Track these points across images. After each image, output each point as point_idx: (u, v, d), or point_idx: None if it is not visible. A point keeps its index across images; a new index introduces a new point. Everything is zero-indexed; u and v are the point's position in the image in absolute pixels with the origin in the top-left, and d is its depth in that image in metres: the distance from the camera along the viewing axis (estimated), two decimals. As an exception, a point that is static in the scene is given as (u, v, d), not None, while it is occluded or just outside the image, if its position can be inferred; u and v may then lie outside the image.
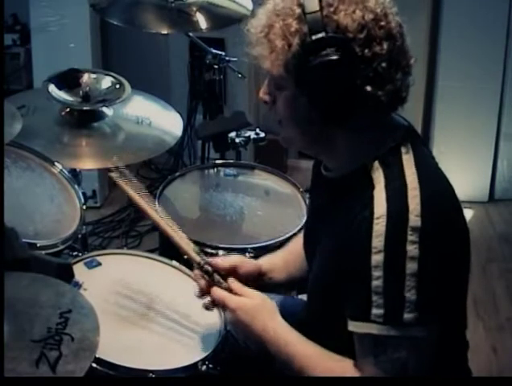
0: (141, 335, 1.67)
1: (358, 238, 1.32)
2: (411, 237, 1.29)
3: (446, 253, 1.34)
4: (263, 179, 2.44)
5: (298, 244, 1.73)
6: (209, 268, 1.56)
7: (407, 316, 1.30)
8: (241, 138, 2.49)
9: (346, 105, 1.32)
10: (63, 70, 2.35)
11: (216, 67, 2.89)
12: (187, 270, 1.87)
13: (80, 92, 2.29)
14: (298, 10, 1.31)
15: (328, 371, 1.41)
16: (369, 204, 1.33)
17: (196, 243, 2.01)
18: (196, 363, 1.60)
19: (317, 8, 1.29)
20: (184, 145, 3.44)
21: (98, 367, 1.53)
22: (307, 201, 2.26)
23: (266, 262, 1.76)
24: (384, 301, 1.31)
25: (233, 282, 1.55)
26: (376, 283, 1.30)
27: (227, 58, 2.86)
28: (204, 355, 1.62)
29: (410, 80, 1.37)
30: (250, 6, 2.65)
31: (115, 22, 2.61)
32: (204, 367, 1.60)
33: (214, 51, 2.86)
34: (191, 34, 2.80)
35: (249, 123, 2.54)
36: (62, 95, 2.28)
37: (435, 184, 1.38)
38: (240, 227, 2.21)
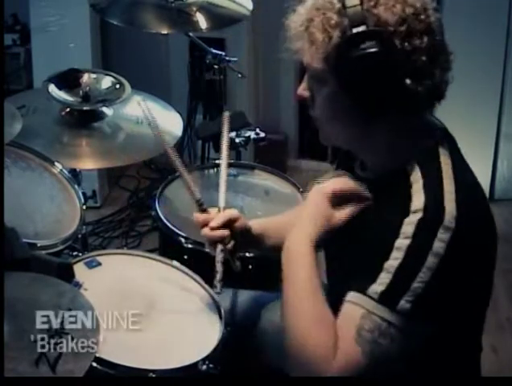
0: (141, 335, 1.67)
1: (390, 224, 1.32)
2: (441, 235, 1.28)
3: (469, 261, 1.33)
4: (263, 179, 2.44)
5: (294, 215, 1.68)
6: None
7: (403, 304, 1.29)
8: (241, 138, 2.49)
9: (386, 99, 1.32)
10: (63, 70, 2.35)
11: (216, 67, 2.90)
12: (187, 270, 1.87)
13: (80, 92, 2.29)
14: (338, 5, 1.32)
15: (305, 327, 1.34)
16: (406, 201, 1.32)
17: (196, 243, 2.04)
18: (196, 363, 1.60)
19: (357, 2, 1.30)
20: (184, 145, 3.44)
21: (98, 366, 1.53)
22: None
23: (256, 226, 1.73)
24: (390, 280, 1.29)
25: None
26: (391, 262, 1.30)
27: (227, 58, 2.87)
28: (204, 354, 1.62)
29: (449, 76, 1.37)
30: (250, 6, 2.65)
31: (115, 22, 2.61)
32: (204, 367, 1.60)
33: (214, 51, 2.87)
34: (191, 34, 2.80)
35: (249, 123, 2.53)
36: (62, 95, 2.28)
37: (472, 192, 1.37)
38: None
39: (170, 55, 3.74)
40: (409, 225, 1.30)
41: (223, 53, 2.88)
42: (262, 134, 2.51)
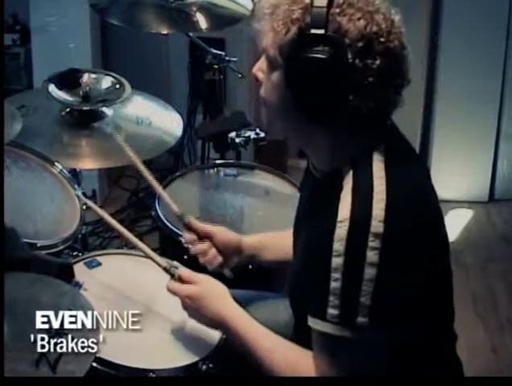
0: (141, 335, 1.66)
1: (322, 239, 1.33)
2: (372, 243, 1.28)
3: (409, 260, 1.32)
4: (263, 179, 2.44)
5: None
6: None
7: (361, 320, 1.31)
8: (241, 138, 2.49)
9: (325, 105, 1.32)
10: (63, 70, 2.35)
11: (216, 67, 2.90)
12: (187, 270, 1.87)
13: (80, 92, 2.29)
14: (306, 1, 1.31)
15: (285, 364, 1.43)
16: (335, 206, 1.33)
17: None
18: (196, 363, 1.60)
19: (325, 4, 1.29)
20: (184, 145, 3.44)
21: (98, 366, 1.53)
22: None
23: (254, 240, 1.79)
24: (340, 302, 1.31)
25: (183, 271, 1.64)
26: (334, 285, 1.31)
27: (227, 58, 2.87)
28: (204, 354, 1.62)
29: (399, 100, 1.36)
30: (250, 6, 2.65)
31: (115, 22, 2.61)
32: (204, 367, 1.60)
33: (214, 51, 2.87)
34: (191, 34, 2.80)
35: (249, 123, 2.54)
36: (62, 95, 2.29)
37: (405, 189, 1.35)
38: (240, 227, 2.21)
39: (170, 55, 3.74)
40: (338, 242, 1.30)
41: (223, 53, 2.88)
42: (262, 134, 2.51)
